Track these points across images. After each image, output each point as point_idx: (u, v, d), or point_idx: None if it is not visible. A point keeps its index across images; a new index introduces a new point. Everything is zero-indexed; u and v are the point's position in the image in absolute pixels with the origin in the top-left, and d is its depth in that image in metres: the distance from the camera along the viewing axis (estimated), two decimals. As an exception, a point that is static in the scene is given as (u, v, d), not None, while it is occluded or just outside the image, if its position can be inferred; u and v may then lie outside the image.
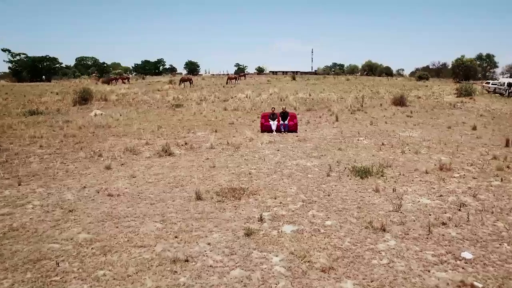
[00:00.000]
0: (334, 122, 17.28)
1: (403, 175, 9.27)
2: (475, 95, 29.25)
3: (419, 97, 29.09)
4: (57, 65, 73.75)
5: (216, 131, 14.97)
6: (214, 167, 9.85)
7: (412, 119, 18.59)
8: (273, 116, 15.05)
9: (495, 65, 72.02)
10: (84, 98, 24.42)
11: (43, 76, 64.88)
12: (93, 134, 14.45)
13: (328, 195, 7.77)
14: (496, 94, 33.92)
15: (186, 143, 12.68)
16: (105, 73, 75.31)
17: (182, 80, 41.65)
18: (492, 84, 37.20)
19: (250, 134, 13.59)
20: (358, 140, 13.34)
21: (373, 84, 47.48)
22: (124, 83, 50.97)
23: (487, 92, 36.60)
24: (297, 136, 13.99)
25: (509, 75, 63.97)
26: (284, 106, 15.59)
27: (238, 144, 12.39)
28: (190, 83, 40.23)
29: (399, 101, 23.83)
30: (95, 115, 19.37)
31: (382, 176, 9.12)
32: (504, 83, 33.22)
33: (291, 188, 8.20)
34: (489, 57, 71.44)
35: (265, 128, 14.78)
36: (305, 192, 7.97)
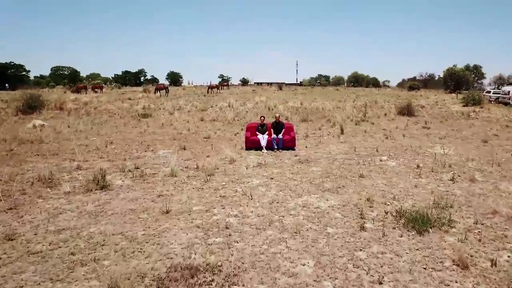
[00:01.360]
0: (339, 136, 13.61)
1: (482, 224, 5.58)
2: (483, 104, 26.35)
3: (423, 107, 25.98)
4: (24, 73, 68.04)
5: (184, 149, 11.02)
6: (168, 212, 5.90)
7: (432, 131, 15.16)
8: (262, 127, 11.25)
9: (482, 76, 70.99)
10: (30, 106, 20.04)
11: (6, 84, 59.15)
12: (9, 153, 10.25)
13: (380, 282, 3.94)
14: (499, 104, 31.29)
15: (136, 168, 8.67)
16: (78, 82, 70.01)
17: (157, 89, 37.44)
18: (493, 93, 34.72)
19: (230, 152, 9.73)
20: (381, 160, 9.65)
21: (365, 94, 44.60)
22: (96, 91, 46.37)
23: (488, 101, 34.02)
24: (296, 156, 10.18)
25: (496, 86, 62.73)
26: (278, 114, 11.81)
27: (213, 169, 8.48)
28: (166, 92, 36.14)
29: (406, 111, 20.55)
30: (34, 126, 15.12)
31: (450, 226, 5.41)
32: (509, 91, 30.63)
33: (303, 264, 4.34)
34: (477, 68, 70.37)
35: (252, 145, 10.93)
36: (332, 273, 4.13)
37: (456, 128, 16.18)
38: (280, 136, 10.96)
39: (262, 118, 11.62)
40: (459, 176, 8.22)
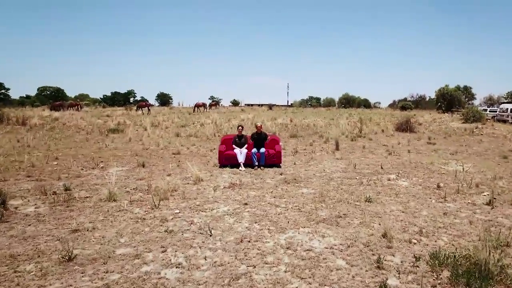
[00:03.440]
0: (334, 151, 11.59)
1: None
2: (483, 121, 24.91)
3: (420, 124, 24.35)
4: (3, 91, 65.54)
5: (143, 166, 8.84)
6: (70, 260, 3.68)
7: (438, 146, 13.29)
8: (240, 140, 9.19)
9: (473, 97, 70.96)
10: (-15, 122, 17.74)
11: (-19, 103, 56.38)
12: None
13: None
14: (496, 121, 29.98)
15: (66, 189, 6.45)
16: (60, 100, 67.52)
17: (139, 106, 35.49)
18: (490, 111, 33.59)
19: (197, 171, 7.57)
20: (389, 179, 7.58)
21: (358, 113, 43.18)
22: (78, 110, 44.04)
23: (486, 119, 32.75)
24: (281, 174, 8.07)
25: (487, 105, 62.44)
26: (259, 124, 9.71)
27: (168, 191, 6.30)
28: (149, 109, 34.12)
29: (406, 127, 18.80)
30: (-25, 142, 12.81)
31: (523, 284, 3.30)
32: (507, 109, 29.39)
33: None
34: (467, 89, 70.41)
35: (227, 161, 8.81)
36: None
37: (465, 144, 14.35)
38: (262, 150, 8.88)
39: (240, 128, 9.57)
40: (495, 198, 6.19)
